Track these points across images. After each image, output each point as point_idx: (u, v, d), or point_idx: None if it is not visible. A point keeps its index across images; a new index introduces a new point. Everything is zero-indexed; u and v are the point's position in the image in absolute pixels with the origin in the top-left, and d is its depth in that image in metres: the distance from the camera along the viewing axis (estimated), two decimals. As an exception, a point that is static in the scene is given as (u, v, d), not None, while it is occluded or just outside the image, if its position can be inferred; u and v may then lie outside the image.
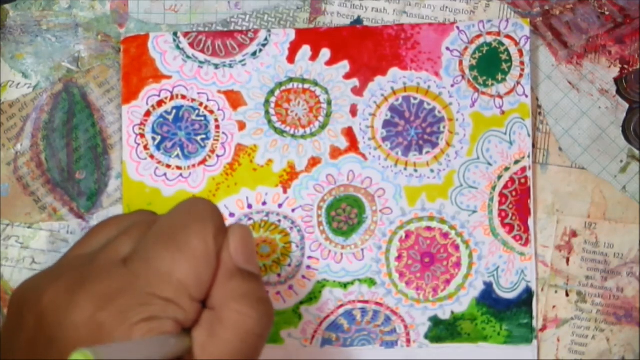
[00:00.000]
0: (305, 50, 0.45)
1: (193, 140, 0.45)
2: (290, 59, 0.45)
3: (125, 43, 0.44)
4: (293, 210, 0.44)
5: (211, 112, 0.44)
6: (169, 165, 0.44)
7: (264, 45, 0.45)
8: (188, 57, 0.44)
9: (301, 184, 0.44)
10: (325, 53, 0.45)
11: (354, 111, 0.45)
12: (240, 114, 0.45)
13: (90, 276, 0.31)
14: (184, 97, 0.44)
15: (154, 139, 0.44)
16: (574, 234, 0.45)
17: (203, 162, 0.44)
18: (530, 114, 0.45)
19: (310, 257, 0.45)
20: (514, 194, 0.45)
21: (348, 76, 0.45)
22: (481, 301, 0.45)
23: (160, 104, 0.44)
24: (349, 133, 0.45)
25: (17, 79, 0.45)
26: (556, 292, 0.45)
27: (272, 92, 0.45)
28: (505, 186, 0.45)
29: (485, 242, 0.45)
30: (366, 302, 0.45)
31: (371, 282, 0.45)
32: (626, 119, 0.45)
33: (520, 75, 0.45)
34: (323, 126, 0.45)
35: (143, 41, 0.44)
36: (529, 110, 0.44)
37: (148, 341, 0.29)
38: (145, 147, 0.44)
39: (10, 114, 0.45)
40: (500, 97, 0.45)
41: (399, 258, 0.45)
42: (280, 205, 0.44)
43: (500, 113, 0.45)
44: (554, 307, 0.45)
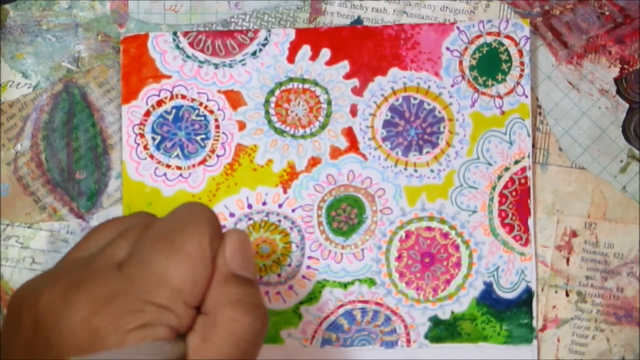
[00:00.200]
0: (305, 50, 0.45)
1: (193, 140, 0.45)
2: (290, 58, 0.45)
3: (125, 43, 0.44)
4: (293, 210, 0.44)
5: (211, 112, 0.44)
6: (168, 165, 0.44)
7: (264, 45, 0.45)
8: (188, 57, 0.44)
9: (301, 184, 0.44)
10: (325, 53, 0.45)
11: (354, 111, 0.45)
12: (240, 114, 0.45)
13: (86, 279, 0.31)
14: (183, 97, 0.44)
15: (153, 138, 0.44)
16: (574, 234, 0.45)
17: (203, 162, 0.44)
18: (530, 114, 0.45)
19: (310, 257, 0.45)
20: (514, 194, 0.45)
21: (348, 76, 0.45)
22: (481, 301, 0.45)
23: (160, 103, 0.44)
24: (349, 133, 0.45)
25: (17, 79, 0.45)
26: (556, 292, 0.45)
27: (272, 92, 0.45)
28: (505, 186, 0.45)
29: (485, 242, 0.45)
30: (366, 302, 0.45)
31: (371, 282, 0.45)
32: (626, 119, 0.45)
33: (520, 76, 0.45)
34: (323, 126, 0.45)
35: (143, 41, 0.44)
36: (529, 110, 0.44)
37: (142, 347, 0.29)
38: (145, 147, 0.44)
39: (10, 114, 0.45)
40: (500, 97, 0.45)
41: (399, 258, 0.45)
42: (280, 205, 0.44)
43: (500, 113, 0.45)
44: (554, 307, 0.45)
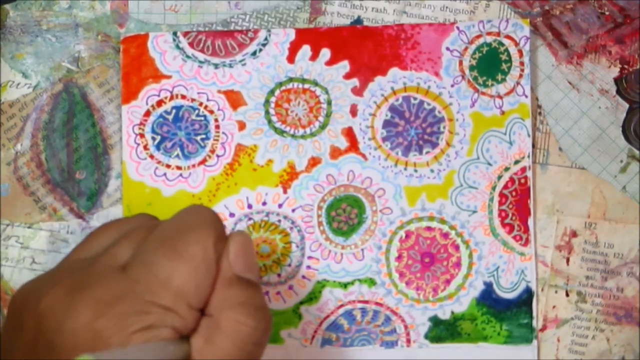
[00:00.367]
0: (305, 50, 0.45)
1: (193, 140, 0.45)
2: (290, 58, 0.45)
3: (125, 43, 0.44)
4: (293, 210, 0.44)
5: (211, 112, 0.44)
6: (168, 165, 0.44)
7: (264, 45, 0.45)
8: (188, 57, 0.44)
9: (301, 184, 0.44)
10: (325, 53, 0.45)
11: (354, 111, 0.45)
12: (240, 114, 0.45)
13: (89, 281, 0.31)
14: (183, 97, 0.44)
15: (153, 138, 0.44)
16: (574, 234, 0.45)
17: (203, 162, 0.44)
18: (530, 114, 0.45)
19: (310, 257, 0.45)
20: (513, 194, 0.45)
21: (348, 76, 0.45)
22: (481, 301, 0.45)
23: (160, 103, 0.44)
24: (349, 133, 0.45)
25: (17, 79, 0.45)
26: (556, 292, 0.45)
27: (272, 92, 0.45)
28: (505, 186, 0.45)
29: (485, 242, 0.45)
30: (366, 302, 0.45)
31: (371, 282, 0.45)
32: (626, 119, 0.45)
33: (520, 76, 0.45)
34: (323, 126, 0.45)
35: (143, 41, 0.44)
36: (529, 110, 0.44)
37: (147, 347, 0.29)
38: (145, 147, 0.44)
39: (10, 114, 0.45)
40: (500, 97, 0.45)
41: (399, 258, 0.45)
42: (280, 205, 0.44)
43: (500, 113, 0.45)
44: (554, 307, 0.45)
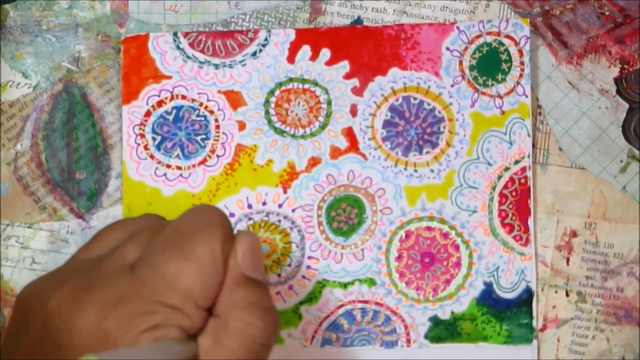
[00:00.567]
0: (305, 50, 0.45)
1: (193, 140, 0.45)
2: (290, 59, 0.45)
3: (125, 43, 0.44)
4: (293, 210, 0.45)
5: (211, 112, 0.44)
6: (169, 165, 0.44)
7: (264, 45, 0.45)
8: (188, 57, 0.44)
9: (301, 184, 0.44)
10: (325, 53, 0.45)
11: (354, 111, 0.45)
12: (240, 114, 0.45)
13: (96, 282, 0.31)
14: (184, 97, 0.45)
15: (154, 139, 0.44)
16: (574, 234, 0.45)
17: (203, 162, 0.44)
18: (530, 114, 0.45)
19: (310, 257, 0.45)
20: (514, 194, 0.45)
21: (348, 76, 0.45)
22: (481, 301, 0.45)
23: (160, 104, 0.44)
24: (349, 133, 0.45)
25: (17, 79, 0.45)
26: (556, 292, 0.45)
27: (272, 92, 0.45)
28: (505, 186, 0.45)
29: (485, 242, 0.45)
30: (366, 302, 0.45)
31: (371, 282, 0.45)
32: (626, 119, 0.45)
33: (520, 75, 0.45)
34: (323, 126, 0.45)
35: (143, 41, 0.44)
36: (529, 110, 0.44)
37: (154, 347, 0.29)
38: (145, 147, 0.44)
39: (10, 114, 0.45)
40: (500, 97, 0.45)
41: (399, 258, 0.45)
42: (280, 205, 0.44)
43: (500, 113, 0.45)
44: (554, 307, 0.45)
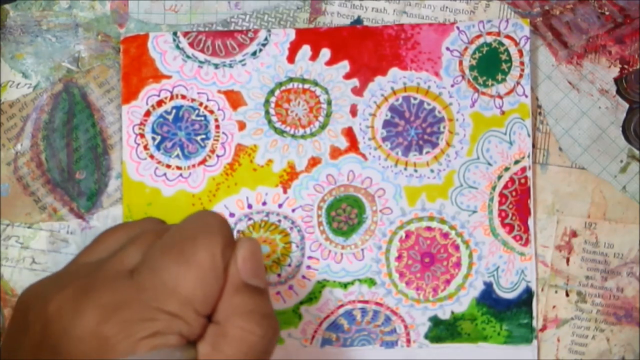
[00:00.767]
0: (305, 50, 0.45)
1: (193, 140, 0.45)
2: (290, 59, 0.45)
3: (125, 43, 0.44)
4: (293, 210, 0.44)
5: (211, 112, 0.44)
6: (169, 165, 0.44)
7: (264, 45, 0.45)
8: (188, 57, 0.44)
9: (301, 184, 0.44)
10: (325, 53, 0.45)
11: (354, 111, 0.45)
12: (240, 114, 0.45)
13: (96, 286, 0.31)
14: (183, 97, 0.44)
15: (153, 139, 0.44)
16: (574, 234, 0.45)
17: (203, 162, 0.44)
18: (530, 114, 0.45)
19: (310, 257, 0.45)
20: (513, 194, 0.45)
21: (348, 76, 0.45)
22: (481, 301, 0.45)
23: (160, 103, 0.44)
24: (349, 133, 0.45)
25: (17, 79, 0.45)
26: (556, 292, 0.45)
27: (272, 92, 0.45)
28: (505, 186, 0.45)
29: (485, 242, 0.45)
30: (366, 302, 0.45)
31: (371, 282, 0.45)
32: (626, 119, 0.45)
33: (520, 76, 0.45)
34: (323, 126, 0.45)
35: (143, 41, 0.44)
36: (529, 110, 0.44)
37: (153, 354, 0.29)
38: (145, 147, 0.44)
39: (10, 114, 0.45)
40: (500, 97, 0.45)
41: (399, 258, 0.45)
42: (280, 205, 0.44)
43: (500, 113, 0.45)
44: (554, 307, 0.45)
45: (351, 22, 0.45)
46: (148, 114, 0.44)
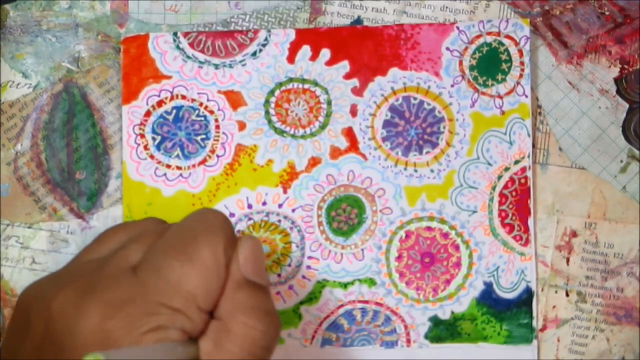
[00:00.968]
0: (305, 50, 0.45)
1: (193, 140, 0.45)
2: (290, 59, 0.45)
3: (125, 43, 0.44)
4: (293, 210, 0.45)
5: (211, 112, 0.44)
6: (169, 165, 0.44)
7: (264, 45, 0.45)
8: (188, 57, 0.44)
9: (301, 184, 0.44)
10: (325, 53, 0.45)
11: (354, 111, 0.45)
12: (240, 114, 0.45)
13: (99, 284, 0.32)
14: (184, 97, 0.45)
15: (154, 139, 0.44)
16: (574, 234, 0.45)
17: (203, 162, 0.44)
18: (530, 114, 0.45)
19: (310, 257, 0.45)
20: (513, 194, 0.45)
21: (348, 76, 0.45)
22: (481, 301, 0.45)
23: (160, 104, 0.44)
24: (349, 133, 0.45)
25: (17, 79, 0.45)
26: (556, 292, 0.45)
27: (272, 92, 0.45)
28: (505, 186, 0.45)
29: (485, 242, 0.45)
30: (366, 302, 0.45)
31: (371, 282, 0.45)
32: (626, 119, 0.45)
33: (520, 76, 0.45)
34: (323, 126, 0.45)
35: (143, 41, 0.44)
36: (529, 110, 0.44)
37: (156, 347, 0.30)
38: (145, 147, 0.44)
39: (10, 114, 0.45)
40: (500, 97, 0.45)
41: (399, 258, 0.45)
42: (280, 205, 0.44)
43: (500, 113, 0.45)
44: (554, 307, 0.45)
45: (351, 22, 0.45)
46: (148, 114, 0.44)
